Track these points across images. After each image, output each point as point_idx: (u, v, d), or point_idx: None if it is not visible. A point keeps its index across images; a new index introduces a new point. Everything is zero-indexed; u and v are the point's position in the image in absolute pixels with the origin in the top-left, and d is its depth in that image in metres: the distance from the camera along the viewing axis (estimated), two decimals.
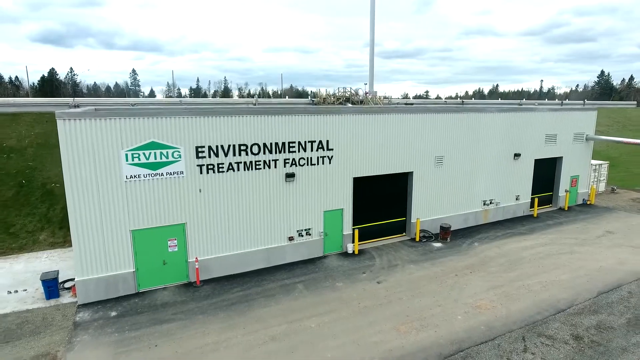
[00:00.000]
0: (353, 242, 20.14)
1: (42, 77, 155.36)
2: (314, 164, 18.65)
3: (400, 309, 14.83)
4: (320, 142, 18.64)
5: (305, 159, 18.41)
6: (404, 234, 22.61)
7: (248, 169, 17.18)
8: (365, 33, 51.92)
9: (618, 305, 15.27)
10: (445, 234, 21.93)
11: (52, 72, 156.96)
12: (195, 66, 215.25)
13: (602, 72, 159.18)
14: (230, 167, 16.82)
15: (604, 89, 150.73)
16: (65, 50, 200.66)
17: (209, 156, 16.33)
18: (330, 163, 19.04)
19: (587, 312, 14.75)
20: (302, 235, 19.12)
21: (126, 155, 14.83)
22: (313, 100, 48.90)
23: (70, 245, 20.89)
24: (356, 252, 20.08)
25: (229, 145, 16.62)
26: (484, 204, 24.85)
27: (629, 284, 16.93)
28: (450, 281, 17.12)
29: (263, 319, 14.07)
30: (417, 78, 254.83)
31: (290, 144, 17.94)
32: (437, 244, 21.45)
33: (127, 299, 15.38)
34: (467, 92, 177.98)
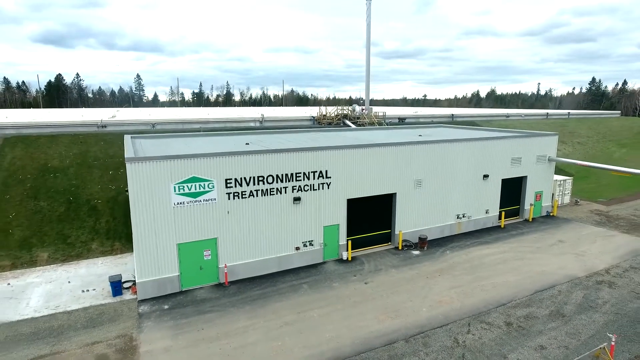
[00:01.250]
0: (347, 250, 24.96)
1: (49, 83, 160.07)
2: (316, 189, 23.48)
3: (381, 303, 19.66)
4: (321, 171, 23.46)
5: (309, 185, 23.23)
6: (389, 243, 27.45)
7: (264, 195, 22.00)
8: (365, 33, 55.33)
9: (547, 300, 20.09)
10: (423, 243, 26.76)
11: (58, 78, 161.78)
12: (195, 66, 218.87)
13: (594, 79, 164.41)
14: (251, 194, 21.64)
15: (594, 96, 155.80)
16: (67, 50, 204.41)
17: (235, 186, 21.15)
18: (328, 188, 23.87)
19: (521, 305, 19.58)
20: (306, 246, 23.94)
21: (174, 187, 19.67)
22: (314, 117, 53.82)
23: (118, 253, 25.86)
24: (349, 259, 24.89)
25: (250, 177, 21.45)
26: (458, 217, 29.67)
27: (561, 285, 21.75)
28: (422, 282, 21.95)
29: (278, 311, 18.89)
30: (417, 78, 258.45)
31: (297, 174, 22.76)
32: (416, 252, 26.28)
33: (174, 296, 20.21)
34: (465, 95, 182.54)
